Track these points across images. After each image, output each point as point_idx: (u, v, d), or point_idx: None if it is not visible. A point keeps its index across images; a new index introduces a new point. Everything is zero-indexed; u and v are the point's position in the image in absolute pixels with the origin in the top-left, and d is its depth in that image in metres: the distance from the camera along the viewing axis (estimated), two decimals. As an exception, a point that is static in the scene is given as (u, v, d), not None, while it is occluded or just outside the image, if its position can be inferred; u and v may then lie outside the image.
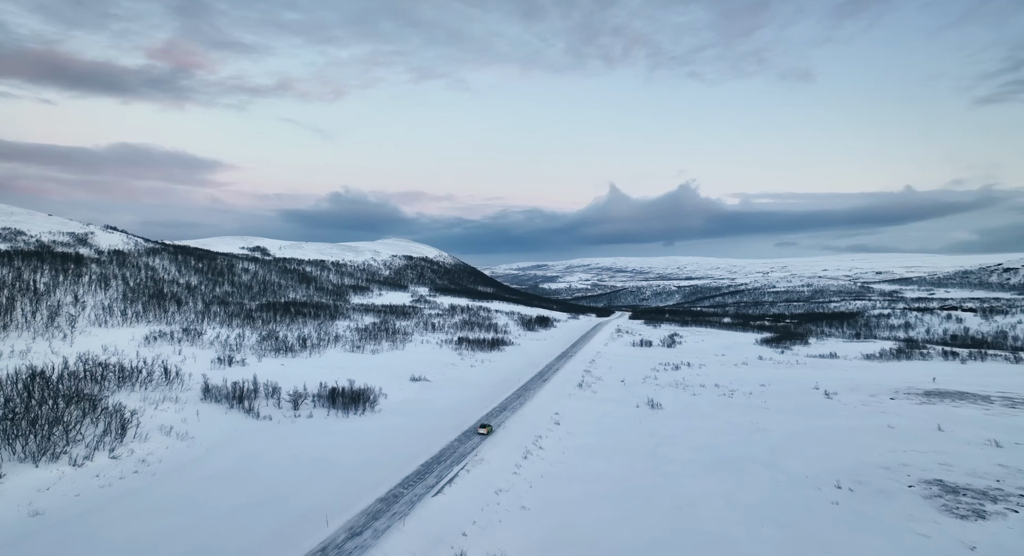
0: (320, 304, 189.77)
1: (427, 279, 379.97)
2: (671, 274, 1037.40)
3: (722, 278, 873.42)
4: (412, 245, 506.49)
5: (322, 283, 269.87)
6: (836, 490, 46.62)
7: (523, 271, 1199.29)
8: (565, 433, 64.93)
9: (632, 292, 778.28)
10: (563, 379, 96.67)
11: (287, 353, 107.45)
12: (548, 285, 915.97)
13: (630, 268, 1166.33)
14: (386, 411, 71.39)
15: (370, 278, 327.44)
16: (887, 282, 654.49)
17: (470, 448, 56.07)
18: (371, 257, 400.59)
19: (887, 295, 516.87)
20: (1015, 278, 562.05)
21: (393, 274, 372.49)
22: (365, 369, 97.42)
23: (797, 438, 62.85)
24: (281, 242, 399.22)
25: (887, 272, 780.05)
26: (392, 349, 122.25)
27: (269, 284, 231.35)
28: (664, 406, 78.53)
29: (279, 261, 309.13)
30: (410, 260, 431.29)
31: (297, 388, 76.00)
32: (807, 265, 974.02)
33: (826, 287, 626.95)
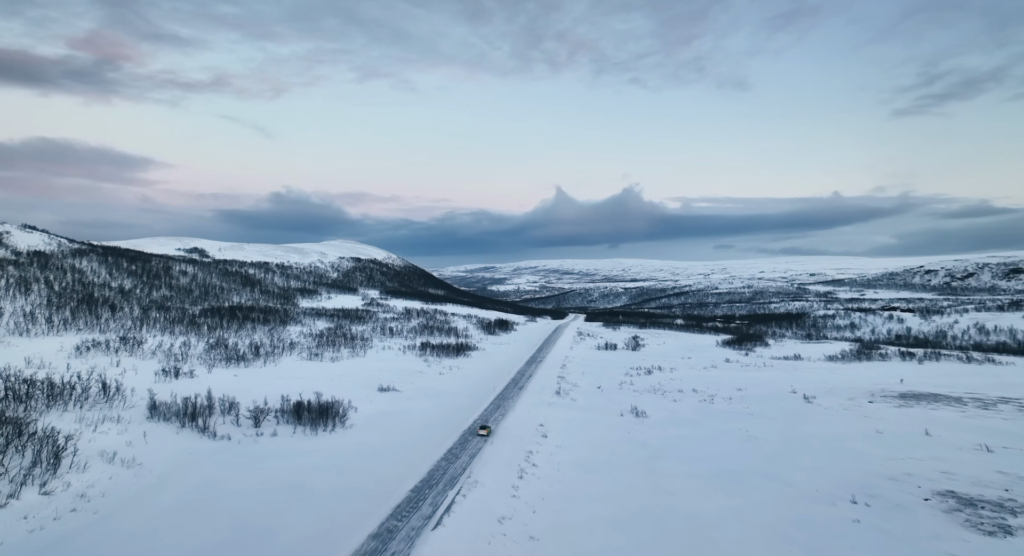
0: (269, 308, 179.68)
1: (377, 281, 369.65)
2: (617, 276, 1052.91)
3: (666, 280, 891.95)
4: (360, 246, 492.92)
5: (267, 286, 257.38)
6: (852, 505, 44.28)
7: (471, 273, 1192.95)
8: (554, 446, 60.98)
9: (580, 294, 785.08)
10: (539, 386, 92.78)
11: (239, 362, 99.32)
12: (496, 287, 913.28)
13: (576, 270, 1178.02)
14: (358, 426, 65.61)
15: (317, 281, 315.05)
16: (821, 283, 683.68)
17: (460, 468, 51.29)
18: (318, 259, 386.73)
19: (822, 296, 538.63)
20: (936, 279, 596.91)
21: (341, 276, 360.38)
22: (327, 379, 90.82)
23: (790, 446, 60.96)
24: (221, 243, 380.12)
25: (820, 274, 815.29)
26: (353, 356, 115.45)
27: (210, 287, 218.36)
28: (649, 414, 75.72)
29: (220, 263, 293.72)
30: (358, 262, 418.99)
31: (257, 402, 69.17)
32: (745, 267, 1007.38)
33: (765, 288, 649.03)
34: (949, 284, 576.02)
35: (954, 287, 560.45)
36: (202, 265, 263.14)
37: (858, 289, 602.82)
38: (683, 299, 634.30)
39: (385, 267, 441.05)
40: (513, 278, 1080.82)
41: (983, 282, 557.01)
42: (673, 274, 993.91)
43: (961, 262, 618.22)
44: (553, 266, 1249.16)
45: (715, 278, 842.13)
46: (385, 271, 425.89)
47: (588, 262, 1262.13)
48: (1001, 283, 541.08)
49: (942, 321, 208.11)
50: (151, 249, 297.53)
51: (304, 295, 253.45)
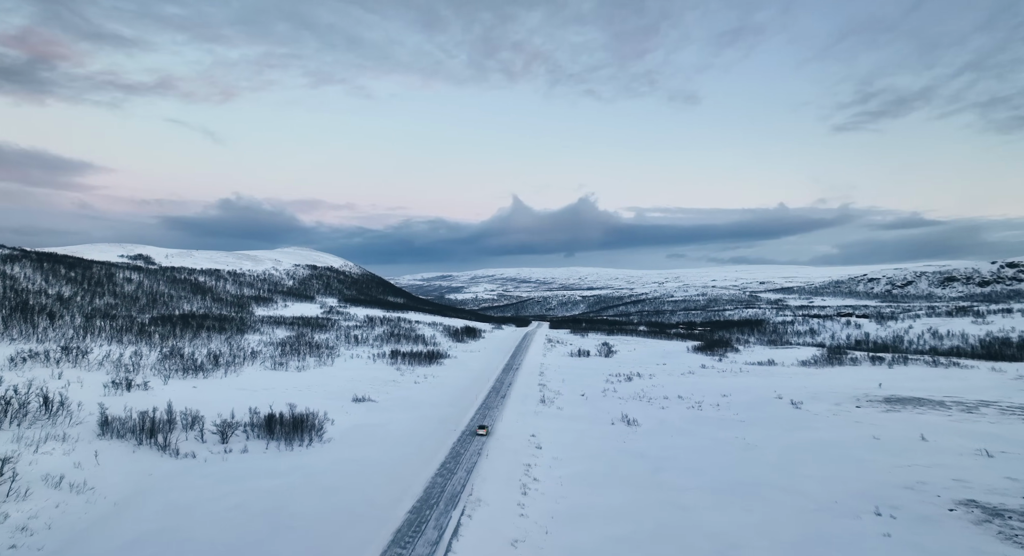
0: (225, 317, 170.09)
1: (334, 289, 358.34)
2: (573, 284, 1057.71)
3: (622, 288, 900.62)
4: (316, 254, 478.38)
5: (219, 294, 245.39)
6: (877, 518, 42.06)
7: (428, 281, 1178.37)
8: (551, 459, 57.29)
9: (539, 302, 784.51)
10: (521, 395, 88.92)
11: (198, 373, 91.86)
12: (454, 296, 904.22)
13: (534, 278, 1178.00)
14: (336, 440, 60.40)
15: (272, 289, 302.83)
16: (771, 291, 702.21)
17: (459, 485, 46.93)
18: (272, 266, 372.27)
19: (773, 303, 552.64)
20: (878, 287, 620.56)
21: (298, 284, 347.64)
22: (295, 389, 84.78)
23: (792, 455, 58.93)
24: (168, 250, 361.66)
25: (769, 282, 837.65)
26: (320, 365, 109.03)
27: (158, 295, 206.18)
28: (640, 423, 72.92)
29: (167, 270, 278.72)
30: (315, 270, 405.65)
31: (222, 415, 63.00)
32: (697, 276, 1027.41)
33: (719, 296, 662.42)
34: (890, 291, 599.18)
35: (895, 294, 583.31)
36: (148, 272, 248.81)
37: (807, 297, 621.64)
38: (640, 307, 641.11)
39: (342, 275, 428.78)
40: (470, 287, 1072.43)
41: (921, 290, 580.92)
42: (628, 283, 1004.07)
43: (901, 271, 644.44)
44: (510, 274, 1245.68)
45: (669, 286, 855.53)
46: (343, 279, 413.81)
47: (545, 271, 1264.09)
48: (937, 291, 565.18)
49: (897, 326, 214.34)
50: (91, 256, 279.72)
51: (259, 303, 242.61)
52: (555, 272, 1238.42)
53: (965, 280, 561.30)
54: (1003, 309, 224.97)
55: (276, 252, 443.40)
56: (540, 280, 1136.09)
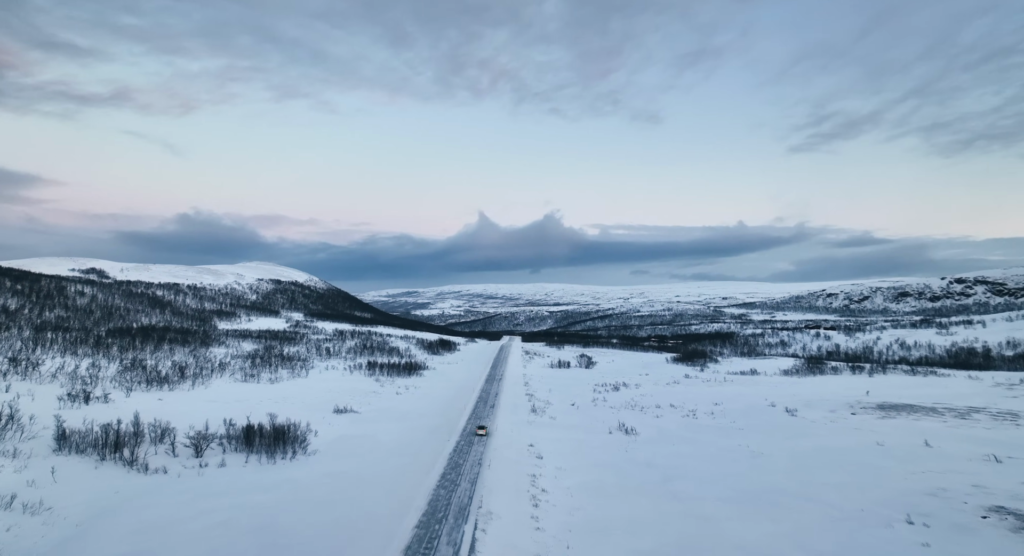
0: (188, 329, 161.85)
1: (300, 304, 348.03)
2: (540, 300, 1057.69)
3: (588, 304, 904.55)
4: (279, 269, 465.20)
5: (179, 308, 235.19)
6: (910, 527, 39.90)
7: (393, 298, 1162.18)
8: (555, 468, 53.96)
9: (506, 317, 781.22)
10: (511, 404, 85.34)
11: (163, 385, 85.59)
12: (420, 312, 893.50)
13: (500, 295, 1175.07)
14: (322, 452, 55.91)
15: (235, 303, 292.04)
16: (734, 306, 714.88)
17: (465, 497, 43.15)
18: (234, 280, 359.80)
19: (737, 318, 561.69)
20: (836, 302, 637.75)
21: (261, 299, 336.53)
22: (270, 401, 79.53)
23: (802, 462, 56.78)
24: (123, 264, 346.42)
25: (731, 297, 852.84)
26: (294, 377, 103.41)
27: (114, 309, 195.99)
28: (638, 431, 70.23)
29: (122, 284, 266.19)
30: (278, 284, 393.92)
31: (195, 428, 57.73)
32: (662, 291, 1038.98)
33: (684, 311, 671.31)
34: (848, 306, 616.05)
35: (852, 309, 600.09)
36: (102, 286, 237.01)
37: (769, 311, 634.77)
38: (607, 322, 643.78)
39: (308, 289, 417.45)
40: (437, 303, 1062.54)
41: (877, 305, 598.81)
42: (594, 298, 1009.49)
43: (857, 286, 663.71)
44: (477, 291, 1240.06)
45: (635, 302, 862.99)
46: (308, 294, 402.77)
47: (511, 287, 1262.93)
48: (892, 306, 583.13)
49: (866, 338, 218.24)
50: (39, 269, 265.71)
51: (221, 317, 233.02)
52: (522, 288, 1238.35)
53: (917, 295, 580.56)
54: (964, 321, 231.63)
55: (239, 266, 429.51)
56: (507, 296, 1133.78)
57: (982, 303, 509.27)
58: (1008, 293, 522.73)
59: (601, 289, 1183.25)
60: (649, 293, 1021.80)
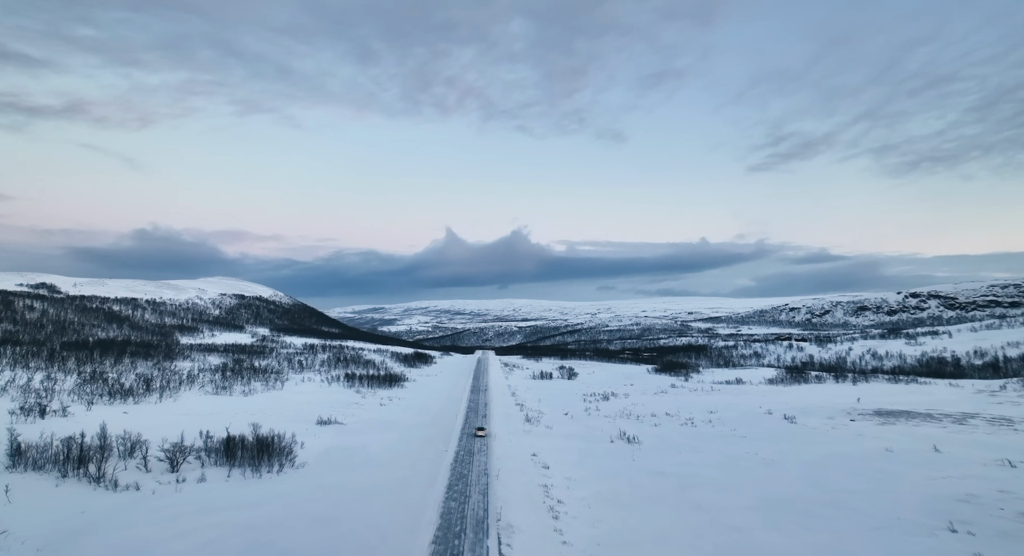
0: (150, 343, 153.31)
1: (265, 319, 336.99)
2: (508, 316, 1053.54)
3: (556, 319, 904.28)
4: (243, 284, 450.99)
5: (137, 323, 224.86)
6: (954, 535, 37.73)
7: (359, 314, 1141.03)
8: (564, 478, 50.56)
9: (475, 333, 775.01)
10: (502, 414, 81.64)
11: (127, 397, 79.25)
12: (387, 328, 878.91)
13: (468, 310, 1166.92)
14: (312, 465, 51.33)
15: (197, 318, 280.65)
16: (700, 321, 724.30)
17: (480, 509, 39.48)
18: (196, 295, 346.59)
19: (704, 332, 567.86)
20: (799, 316, 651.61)
21: (224, 314, 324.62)
22: (247, 413, 74.15)
23: (816, 470, 54.63)
24: (77, 279, 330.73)
25: (697, 312, 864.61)
26: (268, 389, 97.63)
27: (67, 324, 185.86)
28: (641, 440, 67.38)
29: (76, 299, 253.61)
30: (242, 299, 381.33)
31: (169, 440, 52.46)
32: (628, 307, 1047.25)
33: (652, 325, 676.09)
34: (810, 320, 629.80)
35: (814, 323, 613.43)
36: (53, 301, 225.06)
37: (734, 325, 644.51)
38: (577, 336, 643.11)
39: (273, 305, 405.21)
40: (404, 319, 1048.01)
41: (837, 318, 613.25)
42: (562, 314, 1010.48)
43: (819, 301, 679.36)
44: (444, 306, 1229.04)
45: (602, 317, 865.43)
46: (273, 309, 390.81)
47: (479, 302, 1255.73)
48: (851, 319, 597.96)
49: (838, 348, 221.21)
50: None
51: (183, 332, 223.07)
52: (489, 304, 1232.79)
53: (875, 309, 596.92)
54: (931, 332, 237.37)
55: (200, 281, 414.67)
56: (475, 312, 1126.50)
57: (935, 316, 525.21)
58: (959, 307, 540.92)
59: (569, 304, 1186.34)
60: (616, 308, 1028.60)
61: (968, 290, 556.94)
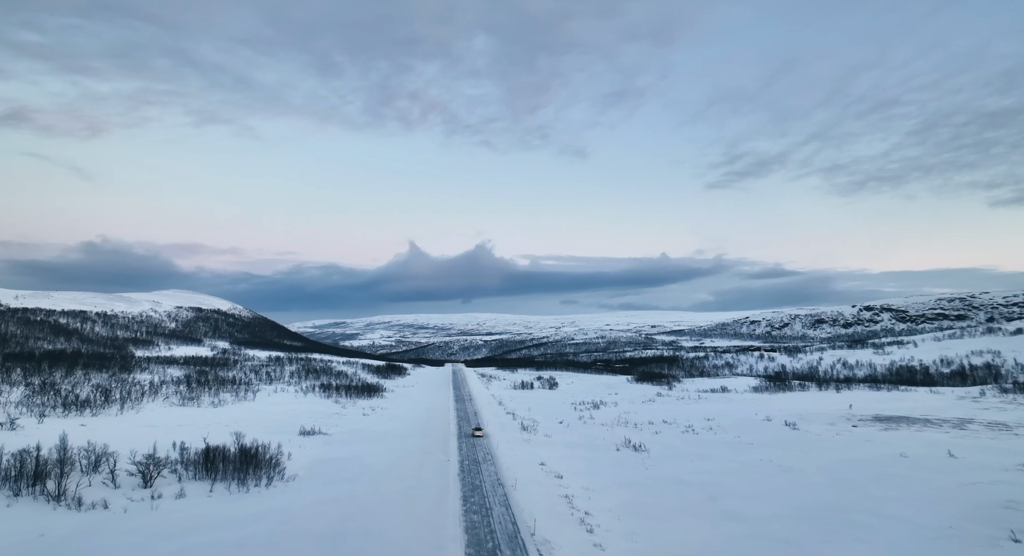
0: (103, 355, 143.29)
1: (224, 333, 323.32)
2: (472, 330, 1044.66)
3: (520, 333, 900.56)
4: (200, 296, 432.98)
5: (87, 335, 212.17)
6: (1018, 545, 35.27)
7: (320, 329, 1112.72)
8: (582, 489, 46.73)
9: (439, 347, 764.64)
10: (496, 423, 77.38)
11: (83, 409, 72.05)
12: (349, 342, 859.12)
13: (432, 324, 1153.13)
14: (303, 477, 46.26)
15: (152, 331, 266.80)
16: (664, 334, 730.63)
17: (506, 522, 35.53)
18: (150, 308, 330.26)
19: (668, 344, 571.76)
20: (759, 329, 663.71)
21: (181, 327, 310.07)
22: (221, 425, 68.13)
23: (840, 476, 52.06)
24: (19, 291, 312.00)
25: (660, 326, 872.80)
26: (239, 400, 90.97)
27: (8, 336, 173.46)
28: (647, 448, 64.08)
29: (18, 311, 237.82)
30: (200, 312, 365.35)
31: (139, 453, 46.55)
32: (591, 320, 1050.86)
33: (617, 339, 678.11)
34: (770, 333, 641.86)
35: (774, 335, 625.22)
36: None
37: (697, 338, 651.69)
38: (543, 350, 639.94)
39: (232, 318, 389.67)
40: (366, 333, 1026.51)
41: (796, 331, 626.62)
42: (526, 327, 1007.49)
43: (778, 314, 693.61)
44: (408, 321, 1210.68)
45: (567, 330, 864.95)
46: (232, 322, 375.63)
47: (443, 316, 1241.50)
48: (809, 332, 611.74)
49: (808, 358, 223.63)
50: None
51: (137, 345, 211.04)
52: (453, 318, 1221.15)
53: (832, 322, 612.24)
54: (896, 341, 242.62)
55: (155, 294, 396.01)
56: (438, 326, 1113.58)
57: (888, 328, 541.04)
58: (909, 320, 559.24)
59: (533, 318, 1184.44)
60: (580, 322, 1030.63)
61: (917, 304, 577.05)
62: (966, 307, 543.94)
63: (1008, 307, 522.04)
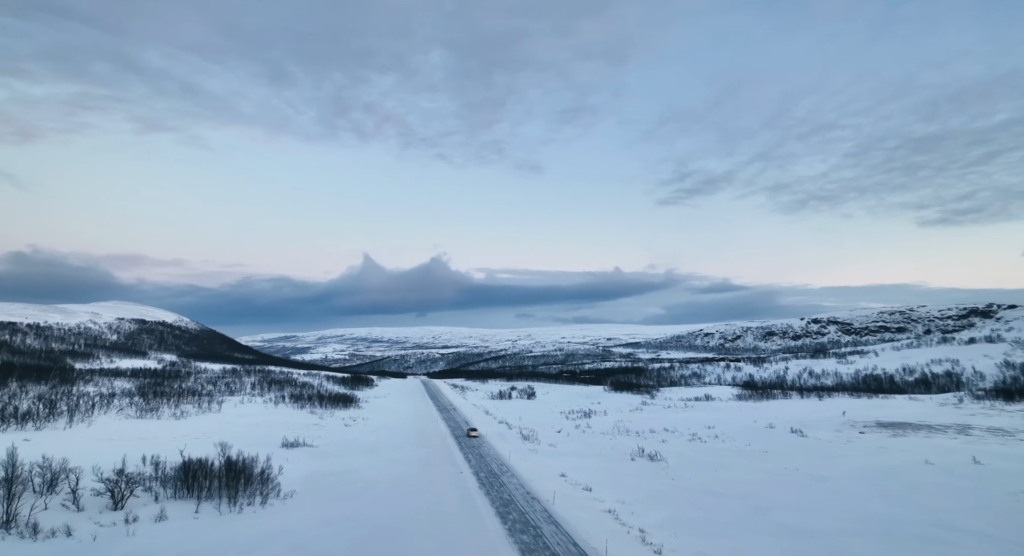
0: (41, 366, 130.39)
1: (171, 345, 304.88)
2: (428, 343, 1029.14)
3: (477, 346, 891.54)
4: (144, 308, 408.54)
5: (18, 347, 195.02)
6: None
7: (269, 343, 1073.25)
8: (618, 502, 42.20)
9: (395, 360, 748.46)
10: (494, 433, 72.13)
11: (24, 422, 63.01)
12: (301, 356, 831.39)
13: (386, 338, 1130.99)
14: (301, 494, 40.11)
15: (92, 343, 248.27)
16: (620, 346, 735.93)
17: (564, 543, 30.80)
18: (89, 320, 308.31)
19: (626, 356, 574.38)
20: (713, 341, 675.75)
21: (124, 339, 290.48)
22: (190, 438, 60.65)
23: (876, 484, 49.19)
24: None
25: (615, 338, 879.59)
26: (204, 412, 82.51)
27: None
28: (663, 457, 60.00)
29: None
30: (144, 324, 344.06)
31: (101, 469, 39.37)
32: (547, 333, 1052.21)
33: (575, 351, 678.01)
34: (723, 345, 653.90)
35: (727, 347, 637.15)
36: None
37: (653, 350, 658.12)
38: (501, 362, 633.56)
39: (179, 330, 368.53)
40: (318, 347, 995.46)
41: (748, 343, 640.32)
42: (483, 340, 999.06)
43: (731, 326, 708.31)
44: (361, 334, 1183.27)
45: (524, 343, 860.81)
46: (179, 335, 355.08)
47: (398, 330, 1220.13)
48: (761, 344, 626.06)
49: (775, 368, 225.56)
50: None
51: (76, 358, 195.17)
52: (408, 331, 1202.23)
53: (782, 334, 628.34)
54: (858, 351, 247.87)
55: (94, 305, 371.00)
56: (393, 339, 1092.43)
57: (835, 340, 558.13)
58: (854, 332, 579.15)
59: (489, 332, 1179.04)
60: (536, 335, 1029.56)
61: (861, 317, 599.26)
62: (906, 320, 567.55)
63: (943, 320, 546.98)
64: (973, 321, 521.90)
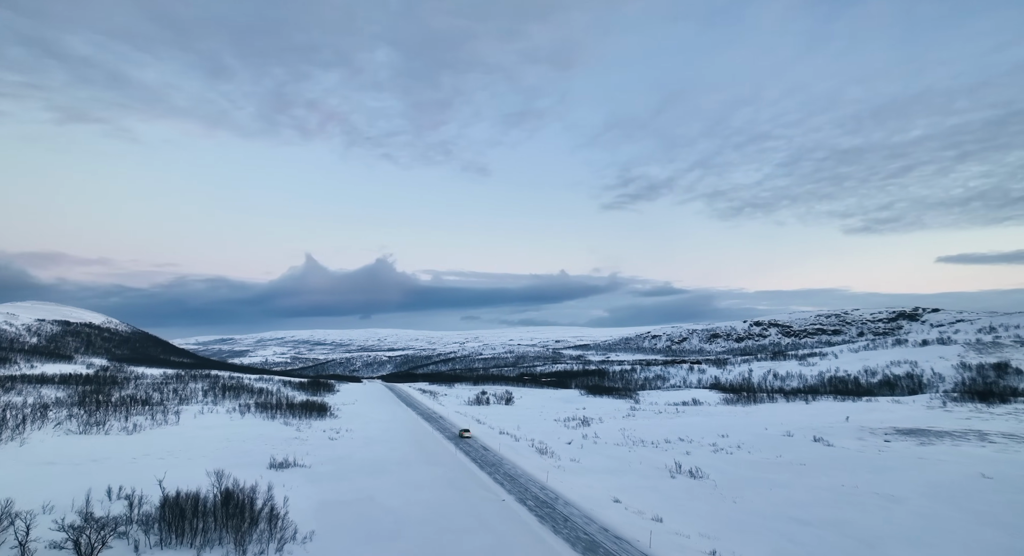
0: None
1: (99, 349, 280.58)
2: (373, 346, 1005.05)
3: (424, 348, 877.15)
4: (67, 309, 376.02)
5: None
6: None
7: (205, 345, 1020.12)
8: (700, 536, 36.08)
9: (340, 363, 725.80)
10: (505, 446, 64.20)
11: (-62, 442, 50.84)
12: (239, 360, 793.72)
13: (329, 340, 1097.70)
14: (322, 535, 31.90)
15: (7, 347, 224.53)
16: (570, 348, 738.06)
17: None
18: (3, 321, 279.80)
19: (576, 358, 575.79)
20: (660, 343, 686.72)
21: (45, 342, 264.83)
22: (152, 458, 50.59)
23: (958, 504, 45.14)
24: None
25: (564, 340, 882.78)
26: (159, 424, 71.15)
27: None
28: (705, 474, 54.03)
29: None
30: (68, 326, 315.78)
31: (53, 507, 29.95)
32: (494, 336, 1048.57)
33: (525, 353, 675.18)
34: (670, 347, 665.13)
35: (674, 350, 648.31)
36: None
37: (603, 352, 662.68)
38: (451, 365, 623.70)
39: (108, 332, 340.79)
40: (258, 350, 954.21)
41: (694, 345, 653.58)
42: (430, 343, 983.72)
43: (677, 329, 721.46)
44: (303, 337, 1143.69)
45: (472, 346, 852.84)
46: (108, 337, 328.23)
47: (342, 332, 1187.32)
48: (706, 346, 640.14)
49: (739, 370, 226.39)
50: None
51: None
52: (352, 334, 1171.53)
53: (726, 336, 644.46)
54: (819, 353, 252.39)
55: (9, 306, 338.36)
56: (337, 342, 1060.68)
57: (775, 342, 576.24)
58: (794, 334, 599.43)
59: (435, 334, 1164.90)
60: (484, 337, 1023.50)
61: (800, 320, 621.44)
62: (841, 323, 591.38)
63: (875, 323, 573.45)
64: (901, 324, 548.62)
